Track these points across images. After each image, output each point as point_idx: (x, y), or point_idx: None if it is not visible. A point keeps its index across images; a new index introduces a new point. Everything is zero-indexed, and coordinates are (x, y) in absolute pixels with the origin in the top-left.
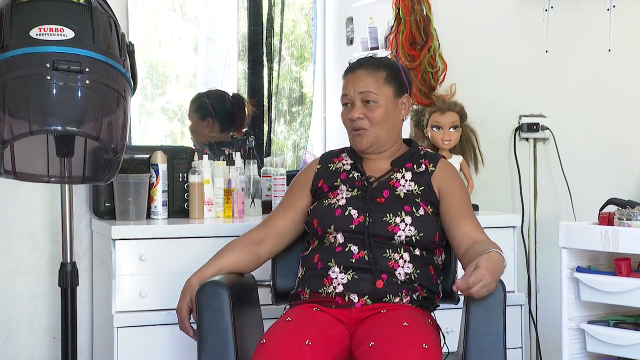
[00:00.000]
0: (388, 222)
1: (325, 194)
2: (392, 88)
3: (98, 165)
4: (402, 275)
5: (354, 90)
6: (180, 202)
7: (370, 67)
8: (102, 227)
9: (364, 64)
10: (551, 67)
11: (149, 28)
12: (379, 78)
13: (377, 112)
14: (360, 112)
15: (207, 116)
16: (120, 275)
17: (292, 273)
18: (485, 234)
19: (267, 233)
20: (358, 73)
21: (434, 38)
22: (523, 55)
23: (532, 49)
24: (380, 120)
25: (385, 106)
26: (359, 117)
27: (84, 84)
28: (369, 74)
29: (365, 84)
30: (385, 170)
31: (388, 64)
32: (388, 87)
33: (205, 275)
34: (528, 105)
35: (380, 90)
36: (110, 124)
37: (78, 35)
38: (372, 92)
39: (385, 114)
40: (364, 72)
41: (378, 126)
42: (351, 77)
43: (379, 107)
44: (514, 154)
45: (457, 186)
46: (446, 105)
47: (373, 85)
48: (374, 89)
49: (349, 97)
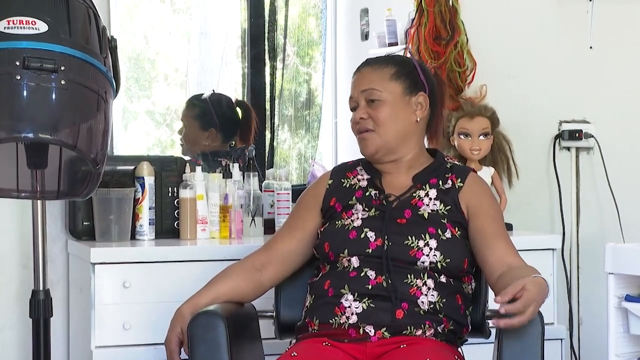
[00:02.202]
0: (410, 246)
1: (339, 214)
2: (402, 84)
3: (75, 179)
4: (426, 304)
5: (358, 89)
6: (170, 221)
7: (376, 63)
8: (80, 250)
9: (371, 61)
10: (596, 66)
11: (134, 20)
12: (385, 74)
13: (381, 111)
14: (363, 112)
15: (210, 127)
16: (100, 304)
17: (299, 302)
18: (521, 258)
19: (270, 257)
20: (363, 71)
21: (461, 32)
22: (563, 51)
23: (574, 45)
24: (386, 120)
25: (392, 104)
26: (362, 118)
27: (59, 85)
28: (373, 70)
29: (369, 80)
30: (407, 186)
31: (399, 60)
32: (396, 83)
33: (199, 304)
34: (569, 110)
35: (386, 86)
36: (90, 130)
37: (52, 28)
38: (376, 90)
39: (392, 113)
40: (368, 70)
41: (384, 127)
42: (356, 77)
43: (384, 105)
44: (553, 165)
45: (488, 203)
46: (475, 110)
47: (377, 82)
48: (377, 86)
49: (354, 99)
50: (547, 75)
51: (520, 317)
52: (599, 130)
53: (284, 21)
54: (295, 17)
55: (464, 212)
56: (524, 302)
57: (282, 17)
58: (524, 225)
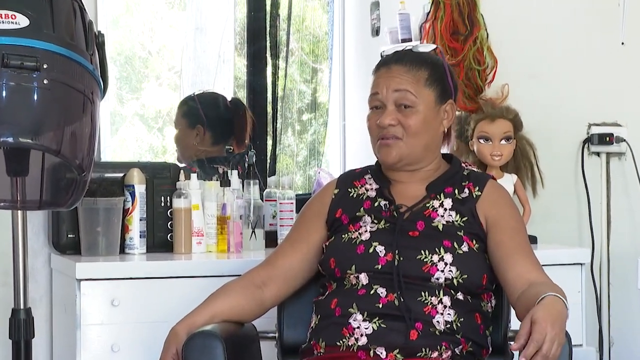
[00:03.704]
0: (423, 261)
1: (345, 226)
2: (435, 92)
3: (59, 187)
4: (442, 324)
5: (388, 88)
6: (163, 233)
7: (410, 63)
8: (64, 265)
9: (402, 58)
10: (628, 63)
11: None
12: (420, 77)
13: (414, 119)
14: (393, 118)
15: (197, 123)
16: (87, 324)
17: (303, 322)
18: (545, 274)
19: (271, 273)
20: (394, 69)
21: (481, 27)
22: (593, 48)
23: (604, 41)
24: (417, 130)
25: (425, 113)
26: (391, 124)
27: (42, 85)
28: (407, 70)
29: (402, 81)
30: (420, 196)
31: (432, 62)
32: (430, 90)
33: (195, 324)
34: (599, 112)
35: (421, 92)
36: (75, 134)
37: (34, 23)
38: (411, 94)
39: (424, 123)
40: (401, 69)
41: (414, 137)
42: (385, 73)
43: (417, 114)
44: (581, 172)
45: (509, 213)
46: (497, 112)
47: (412, 85)
48: (413, 90)
49: (380, 98)
50: (575, 74)
51: (545, 348)
52: (631, 133)
53: (287, 14)
54: (300, 11)
55: (483, 223)
56: (535, 343)
57: (285, 10)
58: (550, 238)
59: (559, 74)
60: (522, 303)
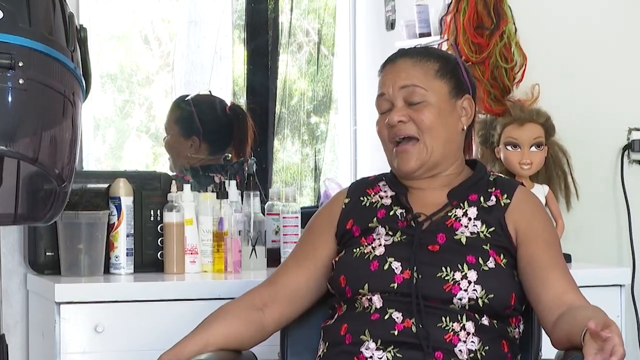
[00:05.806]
0: (444, 279)
1: (357, 239)
2: (448, 84)
3: (36, 199)
4: (465, 353)
5: (394, 86)
6: (152, 251)
7: (417, 55)
8: (42, 286)
9: (409, 51)
10: None
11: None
12: (430, 69)
13: (426, 113)
14: (403, 114)
15: (192, 134)
16: (67, 353)
17: (310, 350)
18: (582, 295)
19: (274, 294)
20: (399, 63)
21: (508, 20)
22: (632, 45)
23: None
24: (432, 125)
25: (438, 106)
26: (401, 121)
27: (17, 84)
28: (414, 63)
29: (409, 76)
30: (440, 204)
31: (441, 55)
32: (442, 81)
33: (184, 353)
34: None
35: (431, 85)
36: (54, 140)
37: (8, 15)
38: (420, 88)
39: (439, 116)
40: (407, 62)
41: (430, 134)
42: (390, 70)
43: (429, 107)
44: (621, 183)
45: (542, 225)
46: (526, 115)
47: (420, 78)
48: (421, 83)
49: (387, 97)
50: (614, 73)
51: None
52: None
53: (290, 7)
54: (305, 3)
55: (512, 235)
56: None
57: (288, 2)
58: (585, 256)
59: (596, 72)
60: (562, 329)
